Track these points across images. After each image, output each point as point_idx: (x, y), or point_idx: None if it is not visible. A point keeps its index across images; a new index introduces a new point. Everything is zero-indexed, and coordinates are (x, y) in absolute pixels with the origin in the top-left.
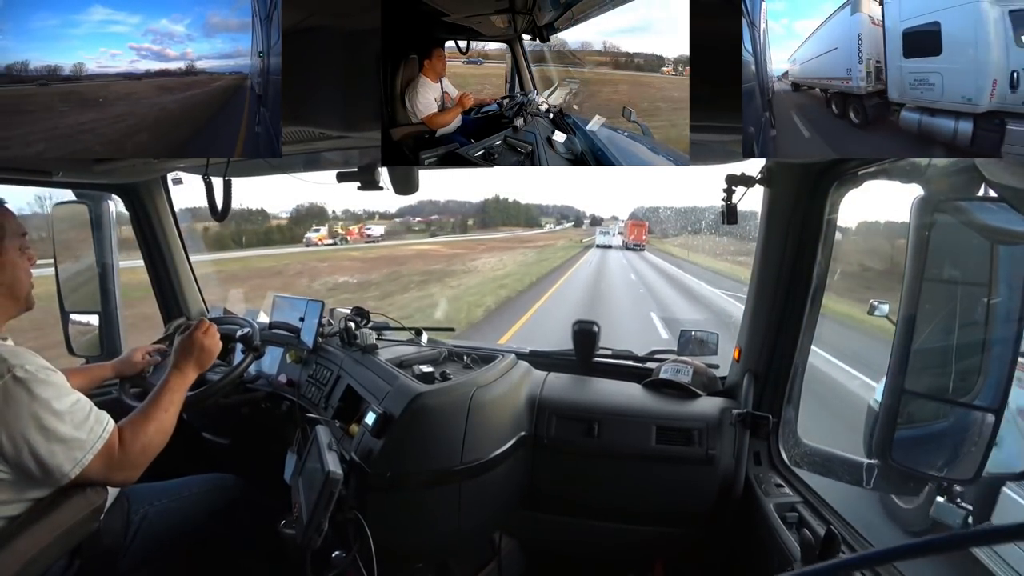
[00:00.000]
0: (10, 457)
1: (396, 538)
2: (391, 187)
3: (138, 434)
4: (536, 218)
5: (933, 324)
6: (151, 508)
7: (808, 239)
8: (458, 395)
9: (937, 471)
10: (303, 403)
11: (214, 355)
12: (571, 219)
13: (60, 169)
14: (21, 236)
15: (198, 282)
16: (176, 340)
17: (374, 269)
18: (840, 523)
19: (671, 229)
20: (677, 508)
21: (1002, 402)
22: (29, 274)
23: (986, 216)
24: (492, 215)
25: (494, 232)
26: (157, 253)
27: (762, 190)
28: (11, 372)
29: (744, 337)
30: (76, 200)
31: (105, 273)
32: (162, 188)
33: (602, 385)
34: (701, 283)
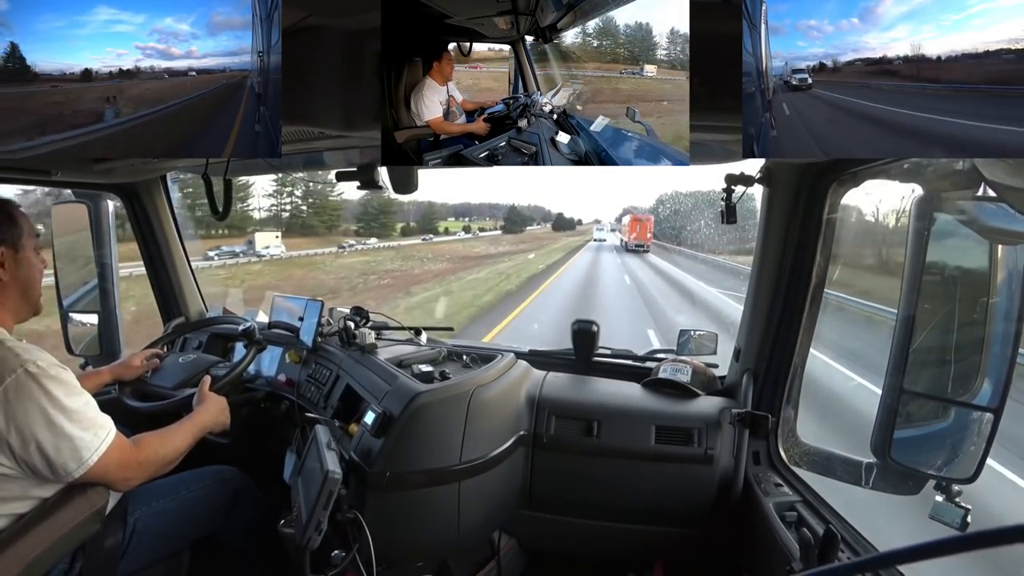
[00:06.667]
0: (18, 452)
1: (395, 537)
2: (390, 187)
3: (154, 444)
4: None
5: (932, 323)
6: (151, 508)
7: (807, 239)
8: (457, 394)
9: (936, 470)
10: (302, 403)
11: (226, 423)
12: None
13: (59, 168)
14: (36, 237)
15: (197, 282)
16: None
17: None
18: (839, 522)
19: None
20: (676, 507)
21: (1001, 401)
22: (42, 275)
23: (986, 216)
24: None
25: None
26: (156, 253)
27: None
28: (23, 367)
29: (743, 336)
30: (75, 200)
31: (104, 273)
32: (161, 188)
33: (601, 385)
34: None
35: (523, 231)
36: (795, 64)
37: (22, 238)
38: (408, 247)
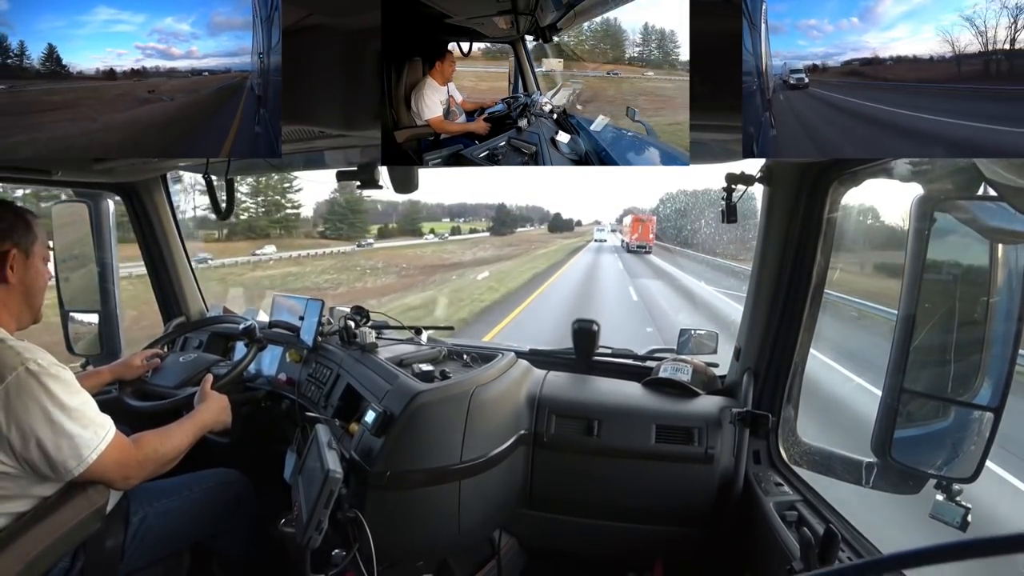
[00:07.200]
0: (18, 450)
1: (396, 536)
2: (390, 186)
3: (154, 443)
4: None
5: (932, 323)
6: (152, 508)
7: (808, 238)
8: (458, 394)
9: (936, 470)
10: (303, 402)
11: (227, 422)
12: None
13: (59, 168)
14: (46, 247)
15: (198, 281)
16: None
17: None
18: (839, 522)
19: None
20: (677, 507)
21: (1002, 401)
22: (46, 286)
23: (986, 215)
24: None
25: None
26: (157, 252)
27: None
28: (24, 365)
29: (744, 335)
30: (76, 199)
31: (105, 272)
32: (161, 187)
33: (602, 384)
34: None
35: (513, 232)
36: (794, 64)
37: (34, 245)
38: (360, 253)
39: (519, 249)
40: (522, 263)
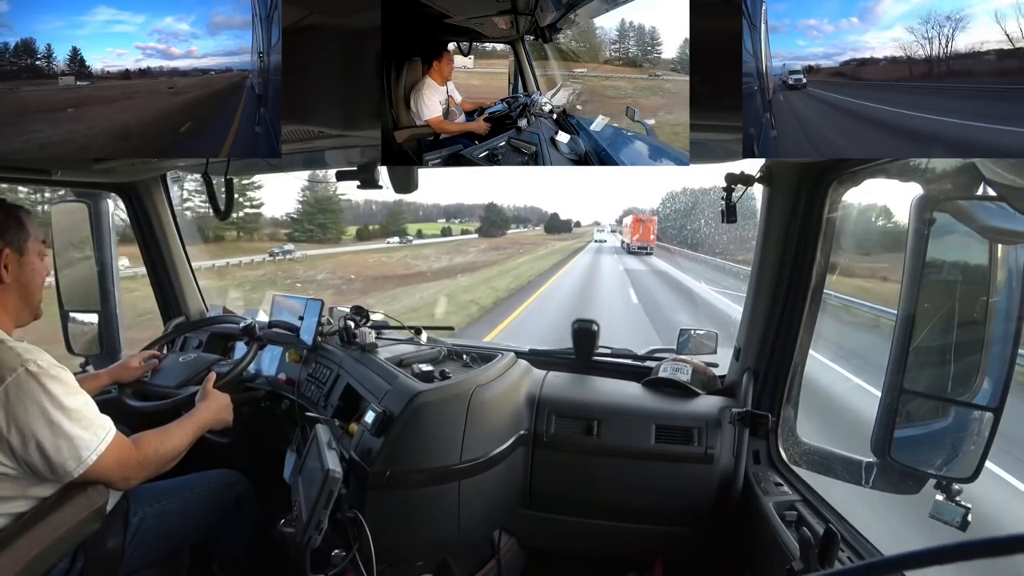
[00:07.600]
0: (17, 451)
1: (395, 536)
2: (390, 186)
3: (154, 443)
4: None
5: (932, 323)
6: (152, 509)
7: (808, 238)
8: (457, 394)
9: (936, 469)
10: (303, 402)
11: (228, 420)
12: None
13: (59, 168)
14: (41, 242)
15: (197, 281)
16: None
17: None
18: (839, 522)
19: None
20: (676, 506)
21: (1002, 401)
22: (44, 280)
23: (985, 215)
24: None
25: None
26: (156, 252)
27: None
28: (24, 366)
29: (743, 335)
30: (75, 199)
31: (104, 272)
32: (161, 187)
33: (601, 384)
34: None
35: (503, 234)
36: (793, 65)
37: (27, 241)
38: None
39: (504, 254)
40: (500, 274)
